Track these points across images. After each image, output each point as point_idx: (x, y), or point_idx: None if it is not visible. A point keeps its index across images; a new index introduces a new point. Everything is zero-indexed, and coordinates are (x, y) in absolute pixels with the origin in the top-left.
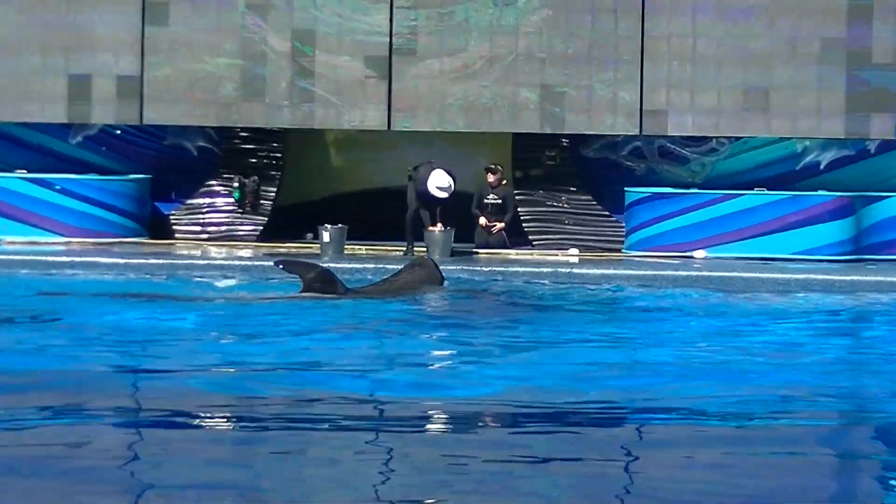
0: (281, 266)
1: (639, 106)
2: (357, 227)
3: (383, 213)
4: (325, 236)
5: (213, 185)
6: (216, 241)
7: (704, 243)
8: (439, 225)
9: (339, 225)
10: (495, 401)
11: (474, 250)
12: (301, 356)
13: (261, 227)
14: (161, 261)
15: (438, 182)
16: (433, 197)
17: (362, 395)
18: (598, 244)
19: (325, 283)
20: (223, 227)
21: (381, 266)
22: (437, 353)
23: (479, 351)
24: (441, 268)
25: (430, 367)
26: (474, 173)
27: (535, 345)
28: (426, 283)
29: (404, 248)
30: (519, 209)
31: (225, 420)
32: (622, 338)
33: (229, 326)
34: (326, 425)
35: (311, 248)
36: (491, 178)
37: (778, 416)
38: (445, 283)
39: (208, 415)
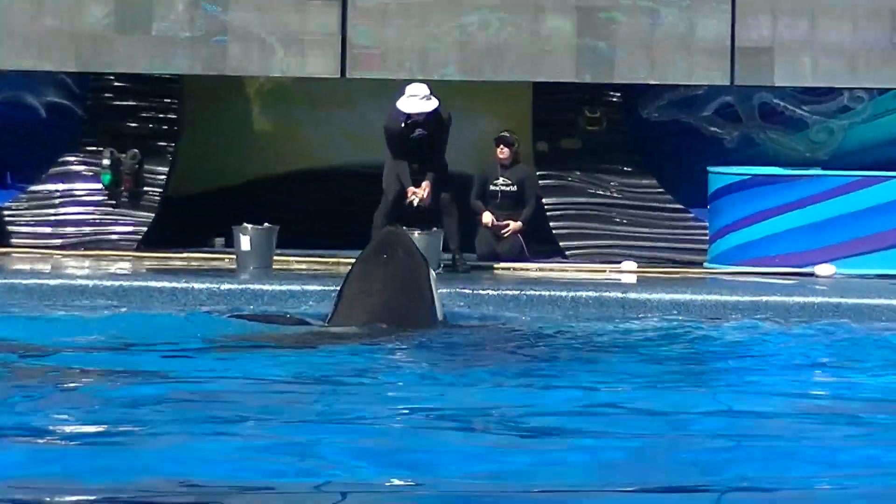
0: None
1: (729, 40)
2: (292, 229)
3: (332, 207)
4: (244, 242)
5: (70, 164)
6: (75, 249)
7: (831, 253)
8: (422, 189)
9: (266, 225)
10: None
11: (475, 263)
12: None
13: (144, 229)
14: None
15: (411, 89)
16: (409, 118)
17: None
18: (666, 255)
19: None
20: (86, 230)
21: (328, 288)
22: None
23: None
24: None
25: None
26: (474, 146)
27: (568, 424)
28: (406, 294)
29: None
30: (544, 200)
31: None
32: (706, 411)
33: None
34: None
35: (222, 259)
36: (502, 153)
37: None
38: (435, 271)
39: None
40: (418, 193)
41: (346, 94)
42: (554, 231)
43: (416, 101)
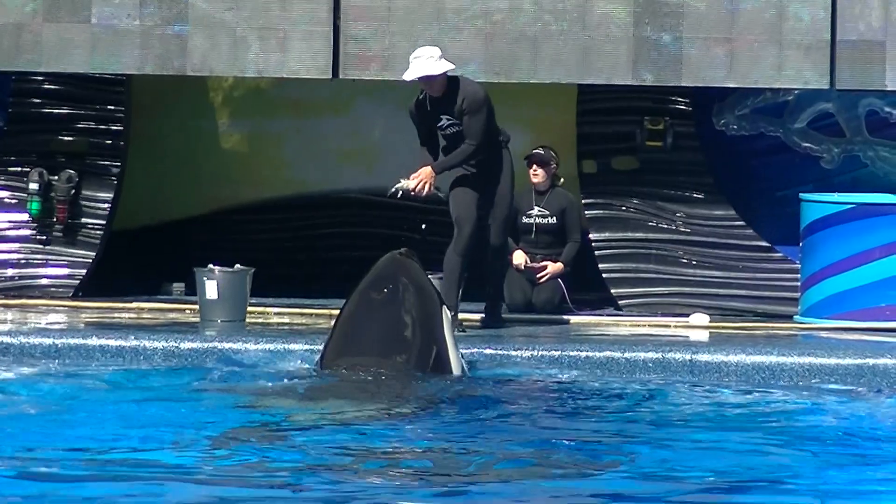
0: None
1: (829, 33)
2: (271, 272)
3: (321, 244)
4: (210, 288)
5: None
6: None
7: None
8: (419, 176)
9: (237, 267)
10: None
11: (506, 316)
12: None
13: (83, 272)
14: None
15: (418, 51)
16: (445, 133)
17: None
18: (747, 306)
19: None
20: (9, 272)
21: (316, 347)
22: None
23: None
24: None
25: None
26: None
27: None
28: (413, 335)
29: None
30: (591, 235)
31: None
32: None
33: None
34: None
35: (182, 310)
36: (535, 175)
37: None
38: (451, 317)
39: None
40: (410, 184)
41: (338, 100)
42: (604, 275)
43: (417, 63)
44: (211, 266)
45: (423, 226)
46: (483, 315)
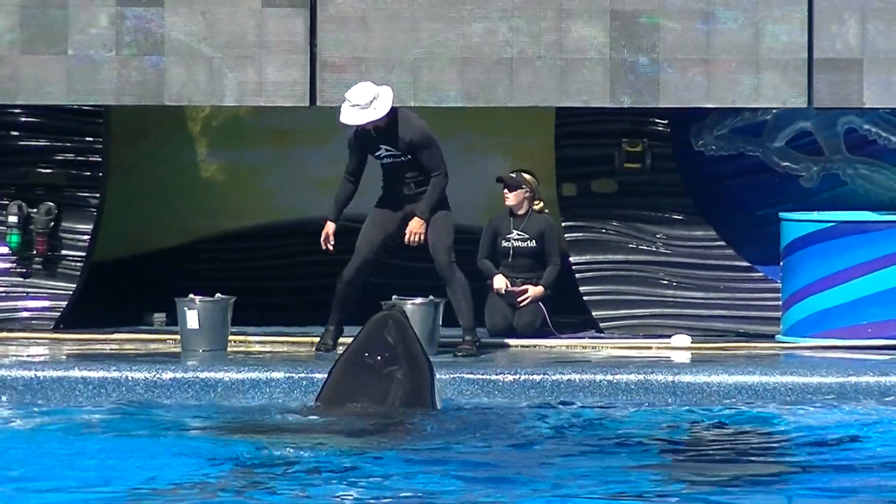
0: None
1: (806, 52)
2: (251, 301)
3: (301, 272)
4: (191, 318)
5: None
6: None
7: None
8: (416, 226)
9: (218, 296)
10: None
11: (487, 340)
12: None
13: (64, 304)
14: None
15: (350, 93)
16: (384, 163)
17: None
18: (728, 326)
19: None
20: None
21: (297, 375)
22: None
23: None
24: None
25: None
26: (481, 191)
27: None
28: (403, 399)
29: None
30: (571, 258)
31: None
32: None
33: None
34: None
35: (164, 341)
36: (508, 198)
37: None
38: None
39: None
40: (415, 231)
41: (317, 129)
42: (585, 298)
43: (347, 107)
44: (192, 296)
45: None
46: (462, 345)
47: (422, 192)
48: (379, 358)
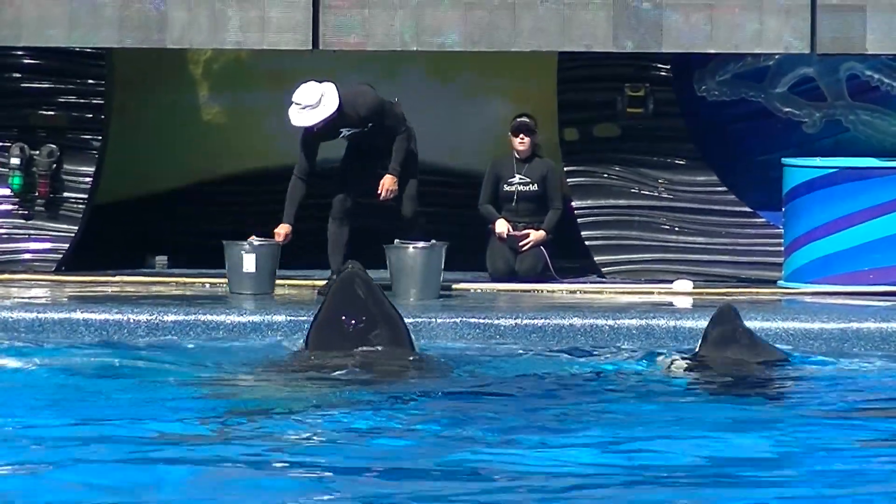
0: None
1: None
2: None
3: (304, 215)
4: (248, 261)
5: None
6: None
7: None
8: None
9: (268, 240)
10: None
11: (486, 287)
12: None
13: (66, 246)
14: None
15: (296, 95)
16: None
17: None
18: (730, 272)
19: None
20: None
21: (299, 318)
22: None
23: None
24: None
25: None
26: (483, 135)
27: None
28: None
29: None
30: (573, 203)
31: None
32: (788, 478)
33: None
34: None
35: (167, 282)
36: (524, 143)
37: None
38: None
39: None
40: (388, 188)
41: (319, 72)
42: (586, 242)
43: (296, 111)
44: (252, 238)
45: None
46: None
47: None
48: (353, 319)
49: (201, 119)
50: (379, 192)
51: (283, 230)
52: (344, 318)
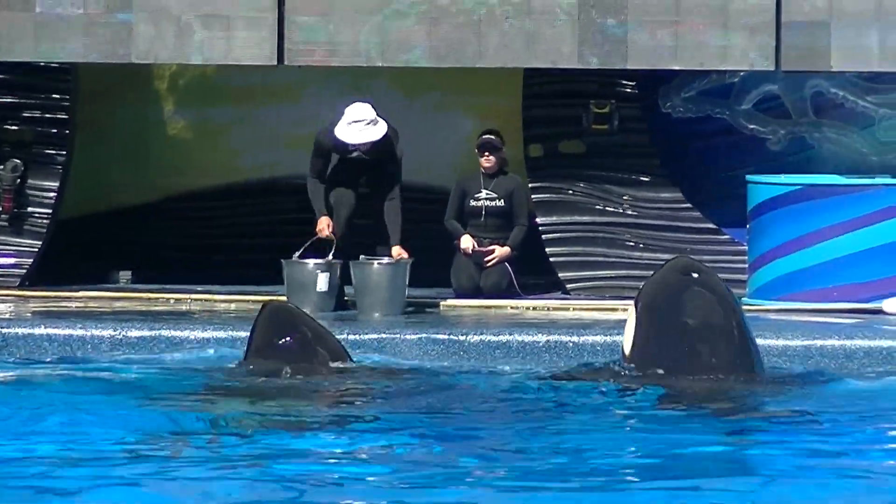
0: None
1: (774, 15)
2: (217, 259)
3: (267, 231)
4: (321, 281)
5: None
6: None
7: None
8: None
9: (331, 258)
10: None
11: (451, 303)
12: None
13: (30, 261)
14: None
15: (354, 114)
16: (351, 147)
17: None
18: None
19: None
20: None
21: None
22: None
23: None
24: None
25: None
26: (449, 151)
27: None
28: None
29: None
30: (538, 219)
31: None
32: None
33: None
34: None
35: (129, 297)
36: (490, 160)
37: None
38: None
39: None
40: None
41: (284, 87)
42: (551, 259)
43: (358, 128)
44: (330, 256)
45: None
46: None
47: (374, 186)
48: (286, 337)
49: (166, 134)
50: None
51: (323, 222)
52: (276, 337)
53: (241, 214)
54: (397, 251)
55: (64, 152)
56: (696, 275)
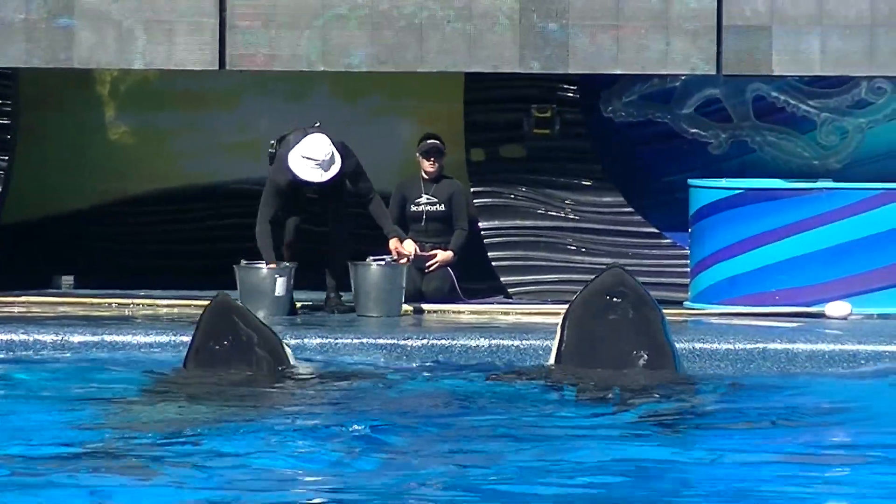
0: None
1: (715, 19)
2: (158, 263)
3: (208, 235)
4: (279, 285)
5: None
6: None
7: (846, 288)
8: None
9: (285, 264)
10: None
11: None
12: None
13: None
14: None
15: (308, 150)
16: (303, 182)
17: None
18: None
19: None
20: None
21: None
22: None
23: None
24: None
25: None
26: (390, 155)
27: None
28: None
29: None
30: (479, 223)
31: None
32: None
33: None
34: None
35: (71, 302)
36: (430, 165)
37: None
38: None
39: None
40: (408, 253)
41: (226, 92)
42: (493, 263)
43: (310, 166)
44: (285, 263)
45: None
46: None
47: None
48: (228, 338)
49: (109, 139)
50: (398, 258)
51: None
52: (219, 338)
53: (183, 220)
54: (394, 244)
55: (6, 157)
56: (616, 286)
